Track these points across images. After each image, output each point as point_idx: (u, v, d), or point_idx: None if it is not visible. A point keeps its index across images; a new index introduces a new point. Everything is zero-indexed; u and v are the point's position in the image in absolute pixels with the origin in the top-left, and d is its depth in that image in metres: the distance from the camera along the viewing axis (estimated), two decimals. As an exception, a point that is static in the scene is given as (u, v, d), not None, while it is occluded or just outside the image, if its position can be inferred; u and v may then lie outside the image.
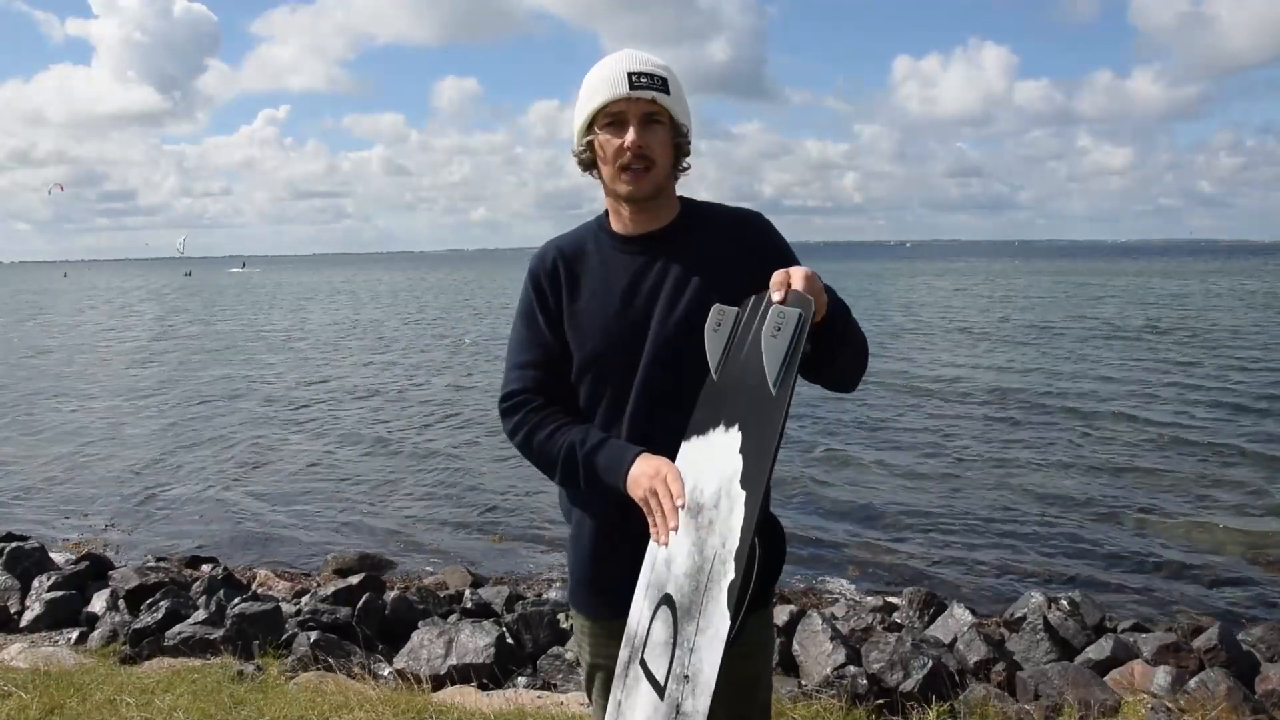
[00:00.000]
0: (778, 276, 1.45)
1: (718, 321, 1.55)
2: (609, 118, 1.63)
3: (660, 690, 1.44)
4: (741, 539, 1.35)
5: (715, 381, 1.57)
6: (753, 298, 1.54)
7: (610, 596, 1.72)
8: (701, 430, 1.56)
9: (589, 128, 1.67)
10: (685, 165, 1.72)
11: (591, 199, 1.84)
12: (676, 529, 1.49)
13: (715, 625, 1.35)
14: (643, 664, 1.51)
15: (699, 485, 1.49)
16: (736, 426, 1.46)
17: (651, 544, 1.56)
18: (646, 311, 1.67)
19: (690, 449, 1.57)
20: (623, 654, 1.60)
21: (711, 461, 1.49)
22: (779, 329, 1.38)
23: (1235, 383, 15.18)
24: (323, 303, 49.65)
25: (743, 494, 1.38)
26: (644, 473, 1.55)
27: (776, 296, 1.43)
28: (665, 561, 1.51)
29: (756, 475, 1.38)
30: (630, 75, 1.61)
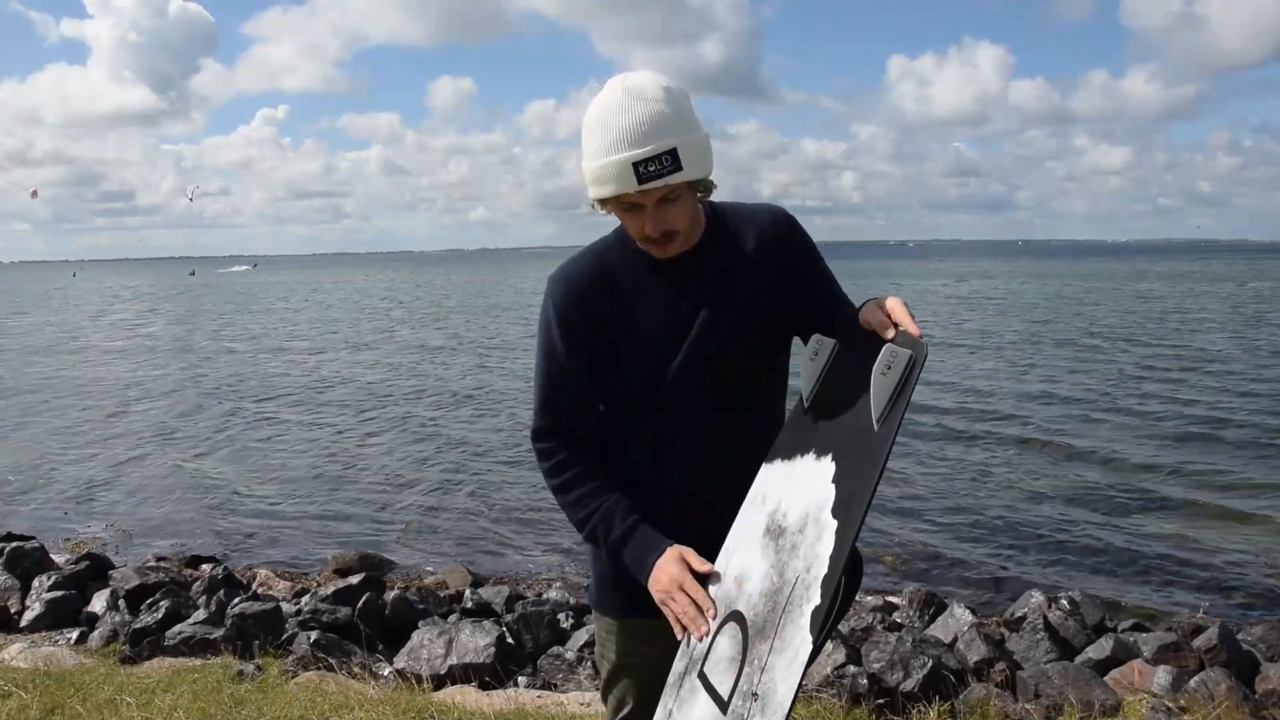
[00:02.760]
0: (880, 316, 1.43)
1: (815, 350, 1.58)
2: (622, 204, 1.55)
3: (723, 705, 1.44)
4: (831, 566, 1.37)
5: (806, 409, 1.59)
6: (849, 332, 1.54)
7: (641, 594, 1.73)
8: (788, 455, 1.58)
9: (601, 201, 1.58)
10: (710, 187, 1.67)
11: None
12: (705, 635, 1.52)
13: (795, 647, 1.37)
14: (702, 676, 1.51)
15: (781, 508, 1.52)
16: (830, 456, 1.48)
17: (719, 560, 1.59)
18: (690, 333, 1.65)
19: (774, 470, 1.60)
20: (678, 665, 1.60)
21: (797, 486, 1.51)
22: (889, 367, 1.39)
23: (1234, 384, 15.17)
24: (323, 301, 49.66)
25: (834, 523, 1.40)
26: (663, 577, 1.59)
27: (889, 334, 1.42)
28: (735, 579, 1.53)
29: (852, 507, 1.39)
30: (637, 167, 1.47)
